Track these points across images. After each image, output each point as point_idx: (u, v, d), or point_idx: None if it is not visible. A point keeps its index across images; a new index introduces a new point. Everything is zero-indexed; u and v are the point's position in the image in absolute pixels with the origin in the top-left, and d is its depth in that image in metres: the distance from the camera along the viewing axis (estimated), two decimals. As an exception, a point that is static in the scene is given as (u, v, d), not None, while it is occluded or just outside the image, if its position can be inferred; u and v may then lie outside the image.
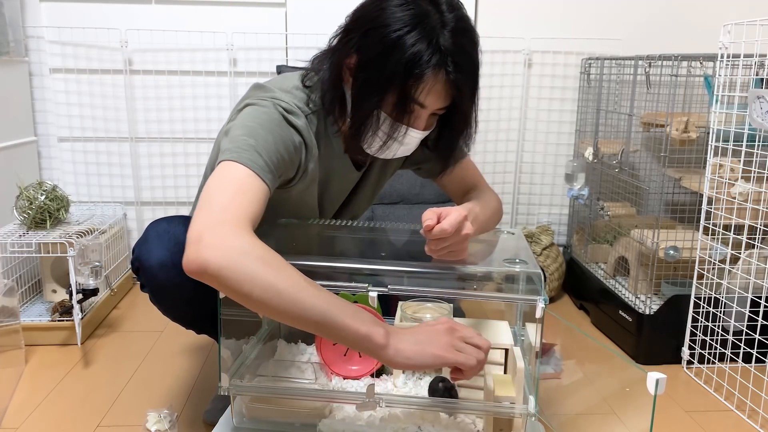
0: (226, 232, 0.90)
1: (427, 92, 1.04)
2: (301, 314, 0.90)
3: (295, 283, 0.91)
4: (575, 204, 2.27)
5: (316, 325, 0.92)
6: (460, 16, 1.05)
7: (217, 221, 0.92)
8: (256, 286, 0.88)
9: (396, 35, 1.01)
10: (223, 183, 0.98)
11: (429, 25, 1.01)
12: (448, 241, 1.04)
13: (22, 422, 1.35)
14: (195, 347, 1.73)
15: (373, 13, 1.05)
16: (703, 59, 1.70)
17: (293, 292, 0.89)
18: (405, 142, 1.12)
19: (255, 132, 1.05)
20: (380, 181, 1.39)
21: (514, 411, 1.08)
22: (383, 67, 1.03)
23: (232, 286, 0.88)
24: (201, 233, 0.90)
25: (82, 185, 2.27)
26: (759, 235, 1.46)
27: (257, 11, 2.18)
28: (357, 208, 1.41)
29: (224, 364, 1.15)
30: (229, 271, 0.87)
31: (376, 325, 0.94)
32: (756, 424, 1.39)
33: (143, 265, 1.16)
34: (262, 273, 0.88)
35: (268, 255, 0.91)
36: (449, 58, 1.02)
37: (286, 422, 1.18)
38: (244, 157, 1.01)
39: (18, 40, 2.06)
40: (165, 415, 1.20)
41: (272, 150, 1.05)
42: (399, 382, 1.24)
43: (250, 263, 0.88)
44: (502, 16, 2.23)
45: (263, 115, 1.09)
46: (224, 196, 0.96)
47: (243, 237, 0.91)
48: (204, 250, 0.88)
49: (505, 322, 1.31)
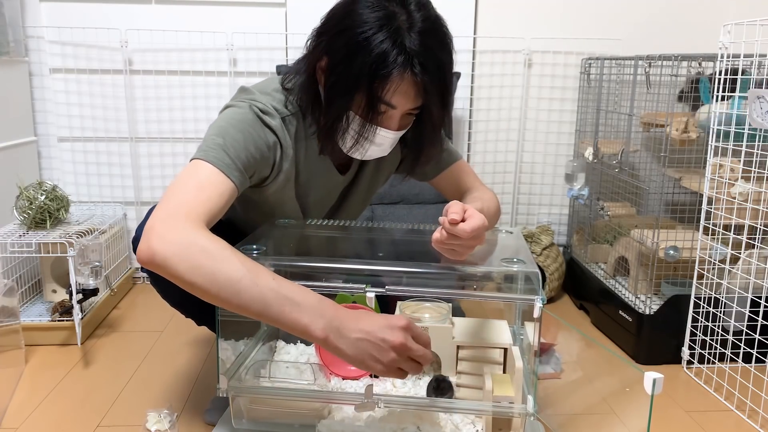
0: (175, 225, 0.95)
1: (393, 92, 1.05)
2: (241, 305, 0.93)
3: (236, 274, 0.93)
4: (575, 204, 2.27)
5: (258, 315, 0.95)
6: (428, 17, 1.06)
7: (170, 214, 0.96)
8: (199, 277, 0.92)
9: (362, 36, 1.03)
10: (185, 179, 1.03)
11: (395, 26, 1.03)
12: (459, 241, 1.04)
13: (22, 422, 1.35)
14: (195, 347, 1.74)
15: (342, 16, 1.07)
16: (703, 59, 1.70)
17: (233, 284, 0.92)
18: (377, 142, 1.14)
19: (225, 131, 1.09)
20: (372, 187, 1.40)
21: (512, 411, 1.08)
22: (350, 68, 1.04)
23: (177, 275, 0.93)
24: (153, 225, 0.95)
25: (82, 185, 2.27)
26: (759, 235, 1.46)
27: (257, 11, 2.18)
28: (349, 212, 1.41)
29: (223, 365, 1.15)
30: (174, 262, 0.92)
31: (318, 316, 0.93)
32: (756, 424, 1.39)
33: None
34: (205, 264, 0.92)
35: (212, 246, 0.94)
36: (415, 59, 1.03)
37: (285, 423, 1.18)
38: (210, 156, 1.05)
39: (18, 40, 2.06)
40: (165, 415, 1.20)
41: (241, 148, 1.08)
42: (398, 382, 1.24)
43: (193, 254, 0.92)
44: (502, 16, 2.23)
45: (237, 115, 1.12)
46: (183, 192, 1.01)
47: (191, 229, 0.95)
48: (153, 241, 0.93)
49: (504, 321, 1.31)
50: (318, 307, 0.95)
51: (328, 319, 0.94)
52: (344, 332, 0.94)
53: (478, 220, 1.02)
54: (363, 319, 0.96)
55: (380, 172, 1.38)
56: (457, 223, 1.01)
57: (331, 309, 0.95)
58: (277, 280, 0.95)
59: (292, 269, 1.12)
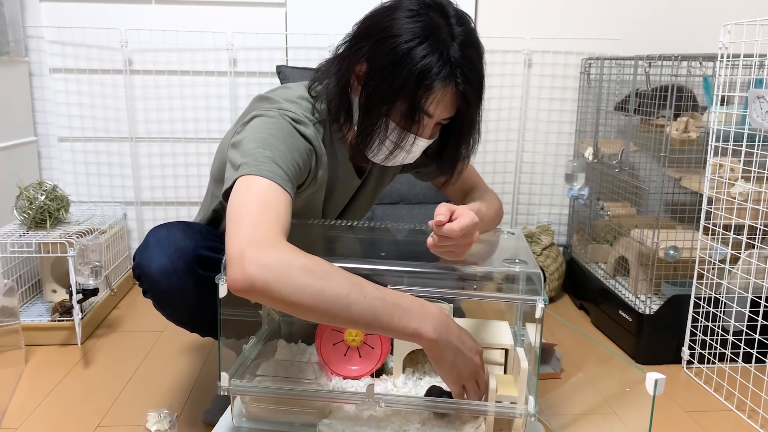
0: (266, 247, 0.92)
1: (437, 103, 1.06)
2: (351, 318, 0.94)
3: (342, 289, 0.93)
4: (575, 204, 2.27)
5: (368, 327, 0.96)
6: (468, 30, 1.07)
7: (254, 238, 0.93)
8: (305, 297, 0.91)
9: (407, 46, 1.03)
10: (248, 199, 0.99)
11: (439, 37, 1.04)
12: (452, 242, 1.04)
13: (22, 422, 1.35)
14: (195, 347, 1.73)
15: (384, 23, 1.06)
16: (703, 59, 1.70)
17: (341, 299, 0.92)
18: (411, 150, 1.14)
19: (269, 143, 1.06)
20: (378, 188, 1.41)
21: (514, 411, 1.08)
22: (393, 77, 1.04)
23: (281, 298, 0.91)
24: (242, 251, 0.91)
25: (82, 185, 2.27)
26: (759, 235, 1.46)
27: (257, 11, 2.18)
28: (356, 213, 1.42)
29: (224, 364, 1.15)
30: (277, 286, 0.90)
31: (426, 320, 0.97)
32: (756, 424, 1.39)
33: (144, 271, 1.16)
34: (309, 284, 0.91)
35: (311, 263, 0.93)
36: (458, 70, 1.04)
37: (285, 422, 1.18)
38: (263, 170, 1.01)
39: (18, 40, 2.06)
40: (165, 415, 1.20)
41: (288, 159, 1.06)
42: (399, 382, 1.24)
43: (295, 275, 0.91)
44: (502, 16, 2.23)
45: (272, 125, 1.09)
46: (253, 212, 0.97)
47: (283, 250, 0.93)
48: (249, 267, 0.89)
49: (505, 322, 1.31)
50: (423, 312, 0.98)
51: (435, 323, 0.98)
52: (449, 337, 1.00)
53: (467, 218, 1.02)
54: (461, 331, 1.03)
55: (386, 175, 1.38)
56: (443, 224, 1.02)
57: (437, 314, 0.99)
58: (380, 289, 0.96)
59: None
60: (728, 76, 1.50)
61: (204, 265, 1.15)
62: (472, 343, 1.04)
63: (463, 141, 1.18)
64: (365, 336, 1.26)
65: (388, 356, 1.28)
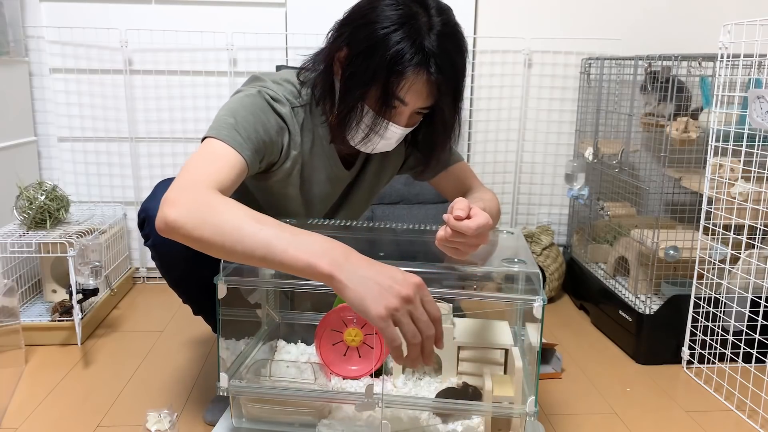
0: (187, 191, 0.98)
1: (408, 90, 1.08)
2: (245, 251, 0.93)
3: (239, 221, 0.94)
4: (575, 204, 2.27)
5: (263, 260, 0.93)
6: (448, 22, 1.09)
7: (182, 183, 1.00)
8: (206, 230, 0.94)
9: (383, 32, 1.06)
10: (198, 156, 1.07)
11: (416, 25, 1.06)
12: (464, 239, 1.04)
13: (22, 422, 1.35)
14: (195, 347, 1.74)
15: (365, 10, 1.10)
16: (702, 59, 1.70)
17: (236, 230, 0.93)
18: (386, 137, 1.16)
19: (236, 112, 1.12)
20: (375, 186, 1.41)
21: (513, 411, 1.08)
22: (369, 61, 1.07)
23: (189, 233, 0.95)
24: (167, 195, 0.98)
25: (82, 185, 2.27)
26: (759, 235, 1.46)
27: (257, 11, 2.18)
28: (352, 211, 1.42)
29: (223, 364, 1.15)
30: (183, 221, 0.95)
31: (324, 253, 0.89)
32: (756, 424, 1.39)
33: (149, 215, 1.22)
34: (211, 217, 0.94)
35: (218, 200, 0.97)
36: (432, 59, 1.06)
37: (285, 422, 1.18)
38: (222, 134, 1.08)
39: (18, 40, 2.06)
40: (165, 415, 1.20)
41: (251, 129, 1.11)
42: (398, 382, 1.24)
43: (200, 210, 0.95)
44: (502, 16, 2.23)
45: (247, 99, 1.15)
46: (196, 166, 1.05)
47: (199, 191, 0.98)
48: (166, 209, 0.96)
49: (505, 322, 1.31)
50: (322, 246, 0.91)
51: (335, 255, 0.89)
52: (352, 267, 0.88)
53: (483, 218, 1.02)
54: (375, 263, 0.91)
55: (384, 172, 1.39)
56: (462, 219, 1.01)
57: (339, 247, 0.91)
58: (282, 225, 0.94)
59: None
60: (728, 76, 1.50)
61: None
62: (397, 272, 0.89)
63: (437, 132, 1.19)
64: (365, 336, 1.26)
65: (388, 356, 1.28)
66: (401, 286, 0.88)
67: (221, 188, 1.02)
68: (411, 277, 0.90)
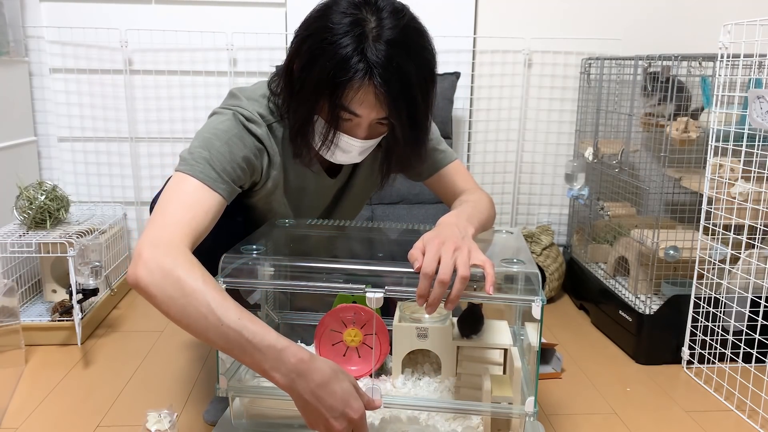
0: (160, 251, 0.97)
1: (353, 100, 1.03)
2: (208, 340, 0.95)
3: (203, 310, 0.93)
4: (575, 204, 2.27)
5: (224, 352, 0.96)
6: (399, 25, 1.02)
7: (157, 238, 0.99)
8: (171, 309, 0.95)
9: (326, 42, 1.01)
10: (173, 196, 1.05)
11: (361, 33, 1.00)
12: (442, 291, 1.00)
13: (22, 422, 1.35)
14: (195, 347, 1.74)
15: (312, 20, 1.06)
16: (702, 59, 1.70)
17: (200, 321, 0.94)
18: (344, 149, 1.13)
19: (210, 143, 1.10)
20: (367, 191, 1.40)
21: (512, 411, 1.08)
22: (312, 73, 1.04)
23: (156, 304, 0.96)
24: (141, 250, 0.98)
25: (82, 185, 2.27)
26: (759, 235, 1.46)
27: (257, 11, 2.18)
28: (342, 215, 1.41)
29: (222, 365, 1.15)
30: (153, 291, 0.95)
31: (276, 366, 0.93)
32: (756, 424, 1.39)
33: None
34: (177, 298, 0.94)
35: (186, 278, 0.95)
36: (375, 69, 1.00)
37: (285, 423, 1.18)
38: (196, 170, 1.06)
39: (18, 40, 2.06)
40: (165, 415, 1.20)
41: (226, 161, 1.09)
42: (398, 382, 1.24)
43: (168, 285, 0.95)
44: (502, 16, 2.23)
45: (221, 125, 1.13)
46: (169, 211, 1.03)
47: (173, 256, 0.96)
48: (139, 267, 0.96)
49: (505, 321, 1.31)
50: (277, 357, 0.93)
51: (286, 370, 0.93)
52: (303, 385, 0.93)
53: (460, 285, 0.98)
54: (324, 384, 0.94)
55: (375, 176, 1.37)
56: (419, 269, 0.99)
57: (290, 358, 0.93)
58: (243, 320, 0.93)
59: (292, 269, 1.12)
60: (728, 76, 1.50)
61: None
62: (337, 404, 0.93)
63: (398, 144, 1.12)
64: (364, 336, 1.26)
65: (388, 356, 1.28)
66: (337, 419, 0.93)
67: (197, 236, 1.02)
68: (351, 408, 0.94)
